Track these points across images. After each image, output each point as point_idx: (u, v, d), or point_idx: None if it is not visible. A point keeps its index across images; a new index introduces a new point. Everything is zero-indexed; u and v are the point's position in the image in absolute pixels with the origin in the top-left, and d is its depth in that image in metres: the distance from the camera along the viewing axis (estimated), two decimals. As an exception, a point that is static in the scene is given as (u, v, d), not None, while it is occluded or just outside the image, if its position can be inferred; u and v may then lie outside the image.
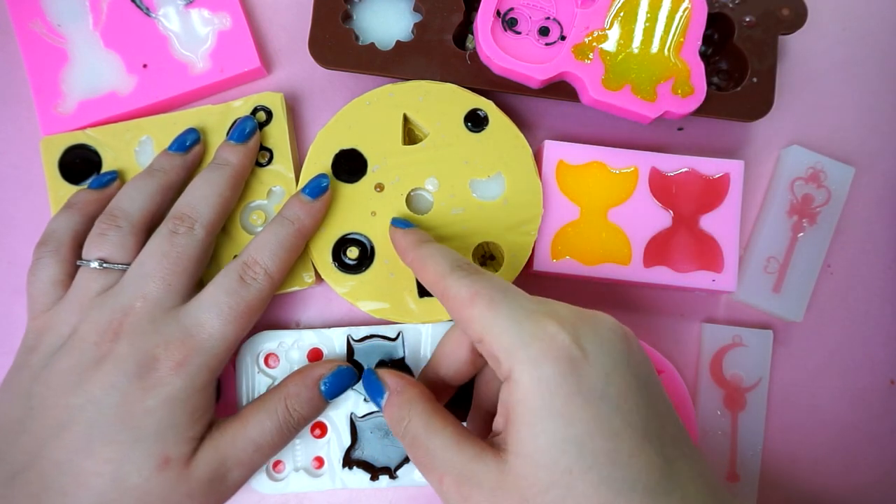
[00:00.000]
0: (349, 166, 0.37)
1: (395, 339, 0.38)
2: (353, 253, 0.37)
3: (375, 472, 0.37)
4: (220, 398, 0.38)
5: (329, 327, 0.38)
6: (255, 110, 0.38)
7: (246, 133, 0.37)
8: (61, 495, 0.30)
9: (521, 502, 0.25)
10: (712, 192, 0.39)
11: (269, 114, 0.38)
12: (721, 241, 0.38)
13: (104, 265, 0.33)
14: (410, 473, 0.37)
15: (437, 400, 0.30)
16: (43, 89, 0.39)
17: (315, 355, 0.38)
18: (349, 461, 0.37)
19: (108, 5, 0.39)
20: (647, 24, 0.36)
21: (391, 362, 0.38)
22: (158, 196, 0.35)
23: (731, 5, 0.38)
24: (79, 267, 0.34)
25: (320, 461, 0.38)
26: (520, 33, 0.37)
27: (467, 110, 0.37)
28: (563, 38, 0.37)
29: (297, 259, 0.37)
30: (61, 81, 0.39)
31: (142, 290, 0.32)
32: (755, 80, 0.38)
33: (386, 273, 0.37)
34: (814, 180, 0.40)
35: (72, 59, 0.39)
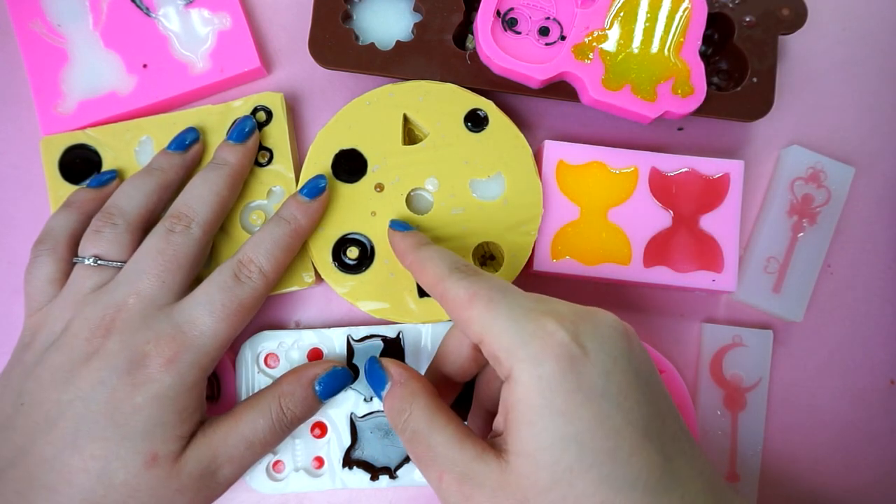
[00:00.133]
0: (349, 166, 0.37)
1: (395, 339, 0.38)
2: (353, 253, 0.37)
3: (375, 472, 0.37)
4: (220, 398, 0.38)
5: (329, 327, 0.38)
6: (255, 110, 0.38)
7: (245, 133, 0.37)
8: (48, 491, 0.29)
9: (523, 502, 0.25)
10: (712, 192, 0.39)
11: (269, 114, 0.38)
12: (721, 241, 0.38)
13: (99, 262, 0.33)
14: (410, 473, 0.37)
15: (442, 399, 0.30)
16: (43, 89, 0.39)
17: (315, 355, 0.38)
18: (349, 461, 0.37)
19: (108, 5, 0.39)
20: (647, 24, 0.36)
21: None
22: (156, 195, 0.35)
23: (731, 5, 0.38)
24: (75, 265, 0.34)
25: (320, 461, 0.37)
26: (520, 33, 0.37)
27: (467, 110, 0.37)
28: (563, 38, 0.37)
29: (297, 259, 0.37)
30: (61, 81, 0.39)
31: (135, 286, 0.32)
32: (755, 80, 0.38)
33: (386, 273, 0.37)
34: (814, 180, 0.40)
35: (72, 59, 0.39)
